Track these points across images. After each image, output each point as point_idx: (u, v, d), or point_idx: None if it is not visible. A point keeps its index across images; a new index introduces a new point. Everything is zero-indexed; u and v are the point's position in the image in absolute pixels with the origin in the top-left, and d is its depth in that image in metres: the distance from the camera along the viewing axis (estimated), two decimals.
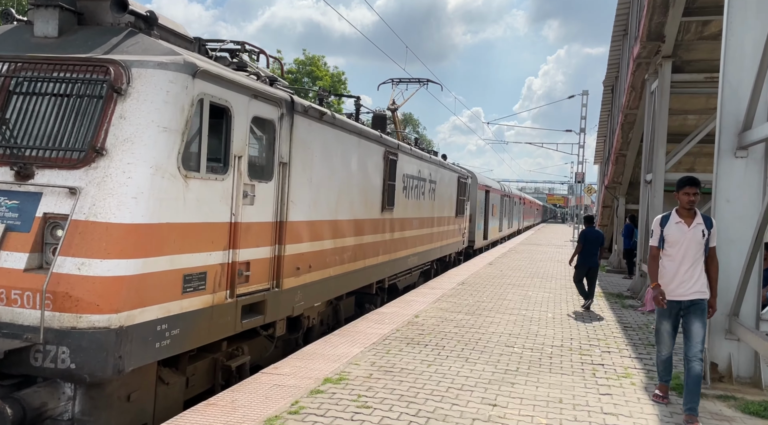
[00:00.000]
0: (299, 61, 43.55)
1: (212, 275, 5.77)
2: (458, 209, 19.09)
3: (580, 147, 36.71)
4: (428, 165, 14.80)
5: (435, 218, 15.68)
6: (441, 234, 16.64)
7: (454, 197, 18.50)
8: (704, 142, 13.19)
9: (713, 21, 10.91)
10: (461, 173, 19.93)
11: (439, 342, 8.07)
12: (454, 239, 18.78)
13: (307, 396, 5.62)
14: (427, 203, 14.79)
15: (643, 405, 5.81)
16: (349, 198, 9.40)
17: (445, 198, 16.92)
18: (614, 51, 19.47)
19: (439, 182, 16.01)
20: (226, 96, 5.92)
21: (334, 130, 8.72)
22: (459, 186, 19.16)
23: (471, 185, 22.22)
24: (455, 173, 18.72)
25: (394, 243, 12.09)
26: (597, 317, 10.49)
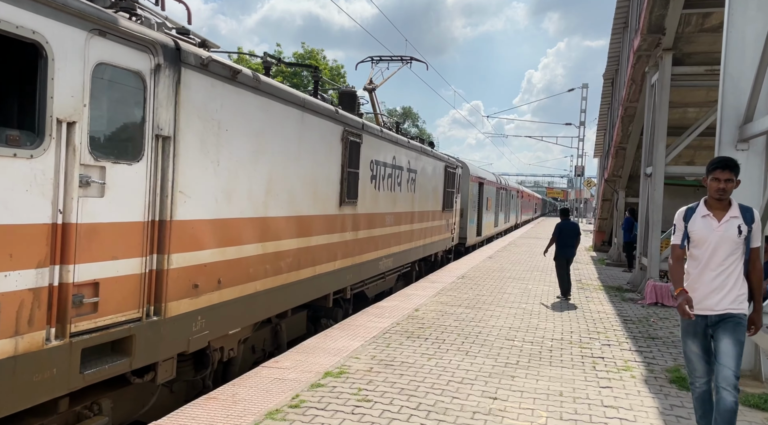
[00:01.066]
0: (298, 54, 43.42)
1: (12, 308, 3.85)
2: (446, 203, 17.12)
3: (580, 140, 36.71)
4: (406, 151, 12.83)
5: (416, 212, 13.86)
6: (424, 231, 14.77)
7: (441, 189, 16.54)
8: (705, 135, 13.17)
9: (714, 13, 10.86)
10: (449, 162, 17.76)
11: (440, 335, 8.08)
12: (440, 236, 16.87)
13: (307, 389, 5.63)
14: (405, 195, 12.84)
15: (644, 398, 5.82)
16: (288, 189, 7.33)
17: (428, 190, 15.02)
18: (614, 44, 19.39)
19: (421, 171, 14.18)
20: (36, 24, 3.92)
21: (259, 97, 6.54)
22: (447, 177, 17.19)
23: (462, 176, 20.48)
24: (441, 161, 16.62)
25: (360, 244, 10.07)
26: (597, 311, 10.50)
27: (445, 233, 17.56)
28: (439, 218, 16.50)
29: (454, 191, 18.47)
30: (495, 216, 29.32)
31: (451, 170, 17.88)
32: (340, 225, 9.19)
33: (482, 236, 24.77)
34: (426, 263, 16.17)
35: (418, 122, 72.32)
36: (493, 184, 27.84)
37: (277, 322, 7.86)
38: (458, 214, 19.63)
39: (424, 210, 14.59)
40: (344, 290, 9.76)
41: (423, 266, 15.84)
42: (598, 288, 13.40)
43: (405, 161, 12.71)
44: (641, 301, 11.61)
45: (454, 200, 18.62)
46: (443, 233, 17.21)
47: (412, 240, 13.63)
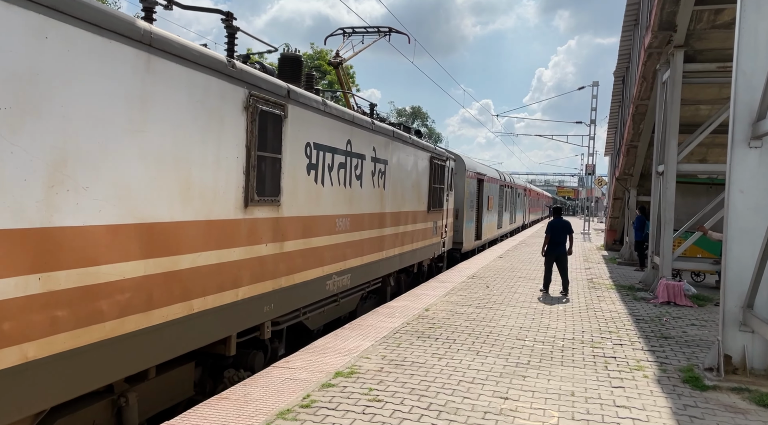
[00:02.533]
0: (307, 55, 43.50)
1: None
2: (433, 202, 14.26)
3: (591, 139, 36.45)
4: (370, 136, 9.89)
5: (388, 214, 10.98)
6: (402, 237, 11.90)
7: (426, 186, 13.73)
8: (717, 132, 13.05)
9: (726, 9, 10.76)
10: (437, 153, 14.81)
11: (450, 335, 8.07)
12: (426, 242, 13.98)
13: (318, 389, 5.64)
14: (370, 192, 9.99)
15: (656, 398, 5.78)
16: (125, 183, 4.62)
17: (407, 186, 12.21)
18: (625, 41, 19.27)
19: (395, 163, 11.34)
20: None
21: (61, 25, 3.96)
22: (434, 171, 14.28)
23: (455, 170, 17.71)
24: (426, 152, 13.76)
25: (289, 259, 7.20)
26: (609, 310, 10.43)
27: (433, 238, 14.66)
28: (424, 219, 13.62)
29: (445, 187, 15.61)
30: (498, 217, 26.52)
31: (440, 162, 14.87)
32: (247, 234, 6.25)
33: (483, 240, 22.08)
34: (408, 275, 13.51)
35: (427, 121, 72.27)
36: (496, 180, 25.30)
37: (124, 397, 4.92)
38: (450, 215, 16.85)
39: (400, 211, 11.72)
40: (261, 327, 6.77)
41: (404, 278, 13.20)
42: (609, 287, 13.32)
43: (368, 148, 9.82)
44: (653, 300, 11.52)
45: (445, 198, 15.69)
46: (430, 238, 14.31)
47: (382, 249, 10.69)
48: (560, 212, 12.91)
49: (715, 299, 11.23)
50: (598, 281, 14.27)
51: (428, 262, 14.89)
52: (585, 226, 38.14)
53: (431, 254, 14.70)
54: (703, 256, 14.20)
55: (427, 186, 13.88)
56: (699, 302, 11.44)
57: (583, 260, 19.41)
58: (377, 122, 10.54)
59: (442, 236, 15.68)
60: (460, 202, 18.19)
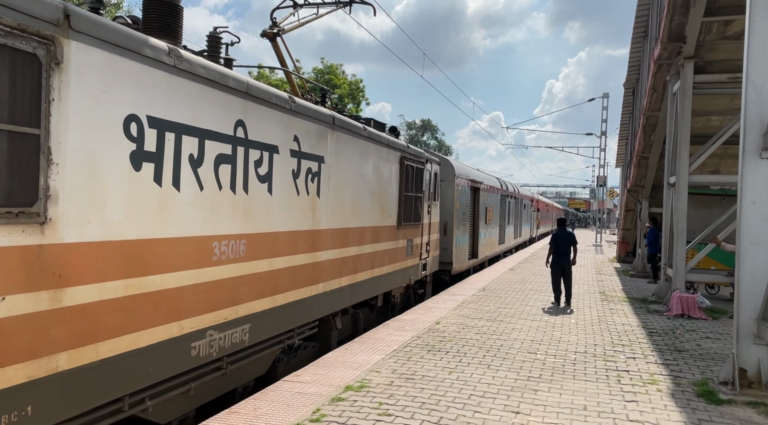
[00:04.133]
0: (317, 69, 43.88)
1: None
2: (406, 215, 11.29)
3: (602, 150, 36.32)
4: (286, 119, 6.88)
5: (325, 232, 7.93)
6: (354, 262, 8.98)
7: (395, 194, 10.76)
8: (729, 143, 12.97)
9: (736, 20, 10.74)
10: (413, 154, 11.84)
11: (461, 348, 8.02)
12: (397, 266, 11.01)
13: (328, 403, 5.63)
14: (291, 201, 7.05)
15: (670, 412, 5.70)
16: None
17: (362, 194, 9.20)
18: (634, 53, 19.26)
19: (338, 161, 8.30)
20: None
21: None
22: (407, 176, 11.35)
23: (443, 177, 15.18)
24: (395, 150, 10.74)
25: (82, 319, 4.19)
26: (621, 323, 10.33)
27: (407, 260, 11.65)
28: (392, 237, 10.64)
29: (425, 196, 12.67)
30: (500, 231, 23.55)
31: (415, 165, 11.92)
32: None
33: (480, 258, 19.37)
34: (371, 309, 10.55)
35: (437, 133, 72.42)
36: (496, 190, 22.48)
37: None
38: (435, 230, 13.93)
39: (350, 227, 8.74)
40: None
41: (363, 315, 10.08)
42: (622, 300, 13.20)
43: (284, 137, 6.80)
44: (667, 313, 11.40)
45: (425, 210, 12.72)
46: (402, 260, 11.29)
47: (318, 280, 7.75)
48: (565, 223, 13.04)
49: (729, 311, 11.08)
50: (610, 294, 14.15)
51: (401, 290, 11.78)
52: (597, 238, 37.87)
53: (405, 280, 11.62)
54: (717, 268, 14.04)
55: (397, 195, 10.85)
56: (713, 314, 11.30)
57: (596, 273, 19.27)
58: (303, 101, 7.39)
59: (422, 256, 12.69)
60: (449, 214, 15.65)
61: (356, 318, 9.89)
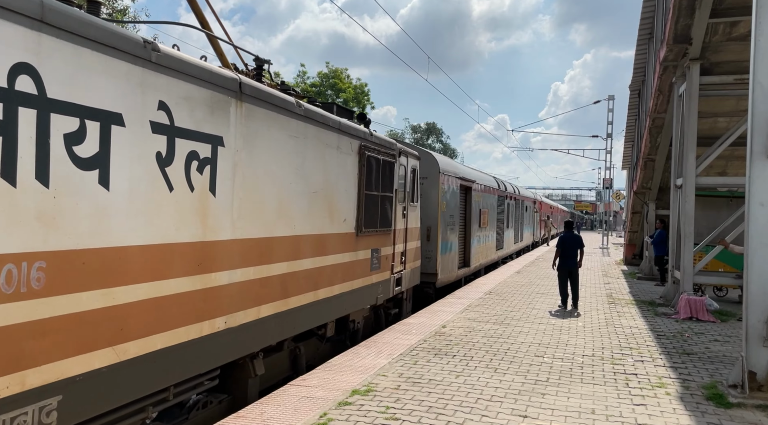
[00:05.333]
0: (322, 74, 43.99)
1: None
2: (369, 219, 9.15)
3: (607, 153, 36.26)
4: (139, 73, 4.63)
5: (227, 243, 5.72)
6: (286, 283, 6.80)
7: (352, 194, 8.64)
8: (736, 144, 12.90)
9: (742, 21, 10.69)
10: (378, 144, 9.62)
11: (468, 352, 8.00)
12: (356, 283, 8.83)
13: (335, 408, 5.62)
14: (153, 200, 4.83)
15: (679, 416, 5.66)
16: None
17: (296, 192, 7.03)
18: (640, 55, 19.21)
19: (253, 146, 6.14)
20: None
21: None
22: (369, 171, 9.17)
23: (425, 175, 13.32)
24: (351, 138, 8.58)
25: None
26: (629, 326, 10.28)
27: (372, 275, 9.48)
28: (348, 247, 8.52)
29: (397, 197, 10.43)
30: (497, 235, 21.73)
31: (382, 158, 9.67)
32: None
33: (472, 267, 17.35)
34: (321, 339, 8.37)
35: (442, 136, 72.37)
36: (492, 190, 20.61)
37: None
38: (414, 236, 11.89)
39: (275, 236, 6.53)
40: None
41: (303, 352, 7.73)
42: (629, 303, 13.14)
43: (135, 103, 4.64)
44: (675, 315, 11.34)
45: (399, 213, 10.63)
46: (364, 276, 9.16)
47: (214, 313, 5.53)
48: (572, 226, 13.03)
49: (738, 314, 11.01)
50: (617, 297, 14.08)
51: (365, 313, 9.67)
52: (603, 240, 37.74)
53: (370, 299, 9.52)
54: (725, 270, 13.96)
55: (355, 194, 8.74)
56: (722, 317, 11.23)
57: (602, 275, 19.20)
58: (174, 51, 5.10)
59: (395, 269, 10.53)
60: (432, 217, 13.63)
61: (296, 355, 7.63)
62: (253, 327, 6.13)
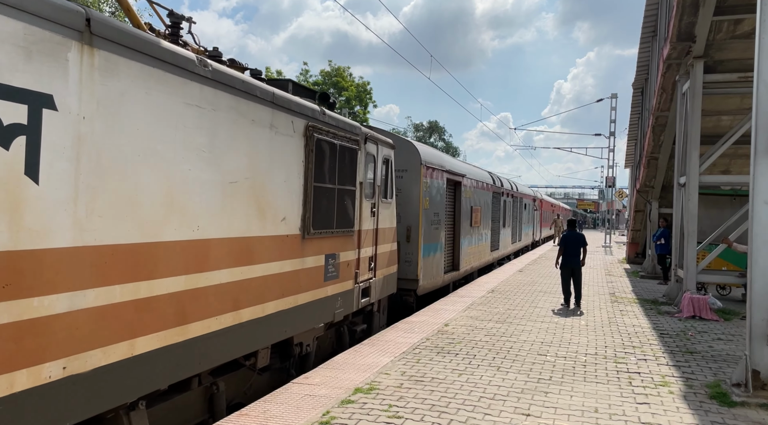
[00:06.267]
0: (325, 72, 43.99)
1: None
2: (324, 218, 7.65)
3: (610, 151, 36.17)
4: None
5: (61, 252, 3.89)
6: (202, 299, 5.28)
7: (297, 185, 7.01)
8: (740, 143, 12.87)
9: (746, 19, 10.66)
10: (332, 125, 7.90)
11: (470, 350, 8.00)
12: (306, 297, 7.28)
13: (338, 406, 5.62)
14: None
15: (683, 415, 5.65)
16: None
17: (207, 182, 5.38)
18: (643, 53, 19.15)
19: (131, 113, 4.47)
20: None
21: None
22: (323, 158, 7.62)
23: (402, 165, 11.91)
24: (291, 114, 6.85)
25: None
26: (632, 325, 10.26)
27: (325, 286, 7.80)
28: (288, 253, 6.80)
29: (361, 191, 8.84)
30: (493, 235, 20.32)
31: (341, 143, 8.05)
32: None
33: (461, 271, 15.76)
34: (253, 369, 6.61)
35: (444, 135, 72.28)
36: (486, 186, 19.07)
37: None
38: (388, 238, 10.26)
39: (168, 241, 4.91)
40: None
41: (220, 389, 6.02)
42: (632, 301, 13.12)
43: None
44: (678, 314, 11.32)
45: (362, 211, 8.89)
46: (313, 288, 7.49)
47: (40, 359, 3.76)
48: (575, 224, 13.05)
49: (741, 312, 10.98)
50: (620, 295, 14.06)
51: (317, 333, 7.85)
52: (606, 239, 37.67)
53: (325, 316, 7.84)
54: (728, 269, 13.93)
55: (301, 187, 7.02)
56: (725, 316, 11.21)
57: (605, 274, 19.17)
58: None
59: (359, 278, 8.89)
60: (413, 215, 12.13)
61: (212, 395, 5.94)
62: (123, 367, 4.43)
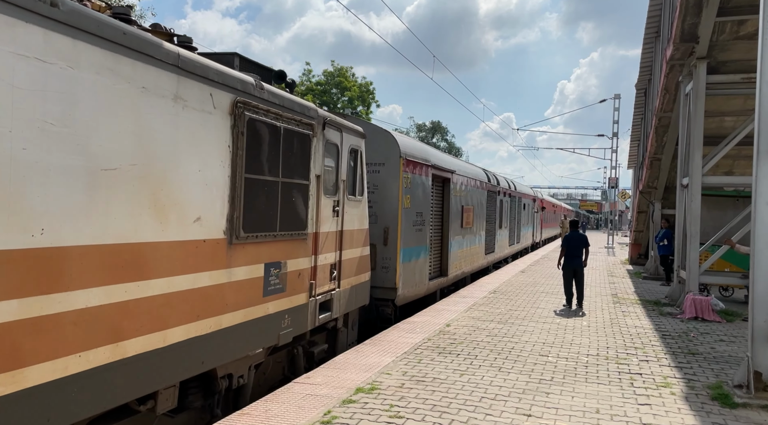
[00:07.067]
0: (328, 72, 44.01)
1: None
2: (264, 218, 6.18)
3: (613, 152, 36.13)
4: None
5: None
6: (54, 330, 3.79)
7: (221, 176, 5.51)
8: (743, 144, 12.83)
9: (749, 20, 10.63)
10: (274, 103, 6.38)
11: (472, 351, 8.00)
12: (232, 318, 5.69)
13: (339, 405, 5.63)
14: None
15: (684, 416, 5.65)
16: None
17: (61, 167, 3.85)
18: (646, 53, 19.13)
19: None
20: None
21: None
22: (260, 144, 6.10)
23: (377, 158, 10.58)
24: (212, 86, 5.36)
25: None
26: (634, 326, 10.25)
27: (267, 303, 6.36)
28: (211, 263, 5.40)
29: (315, 186, 7.40)
30: (488, 237, 18.90)
31: (284, 126, 6.56)
32: None
33: (451, 276, 14.29)
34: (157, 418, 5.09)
35: (447, 135, 72.26)
36: (480, 184, 17.61)
37: None
38: (355, 241, 8.79)
39: None
40: None
41: None
42: (635, 302, 13.10)
43: None
44: (680, 315, 11.30)
45: (319, 210, 7.52)
46: (251, 305, 6.07)
47: None
48: (577, 225, 13.05)
49: (744, 314, 10.96)
50: (622, 296, 14.05)
51: (256, 360, 6.39)
52: (609, 240, 37.63)
53: (265, 339, 6.37)
54: (731, 270, 13.90)
55: (226, 179, 5.63)
56: (727, 317, 11.19)
57: (608, 275, 19.15)
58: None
59: (317, 290, 7.47)
60: (391, 215, 10.61)
61: None
62: None
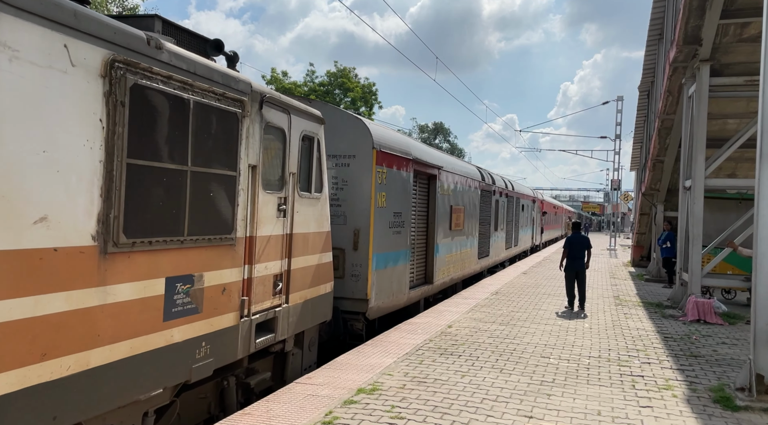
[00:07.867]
0: (330, 73, 44.02)
1: None
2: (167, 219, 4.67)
3: (616, 154, 36.10)
4: None
5: None
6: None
7: (87, 160, 3.96)
8: (746, 146, 12.80)
9: (753, 23, 10.62)
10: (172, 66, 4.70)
11: (473, 352, 7.99)
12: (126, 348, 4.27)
13: (340, 406, 5.63)
14: None
15: (686, 418, 5.64)
16: None
17: None
18: (650, 55, 19.12)
19: None
20: None
21: None
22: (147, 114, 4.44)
23: (347, 149, 9.29)
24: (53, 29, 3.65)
25: None
26: (636, 328, 10.24)
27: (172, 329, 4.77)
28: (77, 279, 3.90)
29: (248, 179, 5.88)
30: (481, 239, 17.49)
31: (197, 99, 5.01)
32: None
33: (437, 283, 12.87)
34: None
35: (449, 136, 72.21)
36: (473, 183, 16.07)
37: None
38: (304, 247, 7.21)
39: None
40: None
41: None
42: (637, 304, 13.08)
43: None
44: (682, 318, 11.28)
45: (249, 209, 5.93)
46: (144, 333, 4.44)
47: None
48: (579, 227, 13.05)
49: (746, 316, 10.94)
50: (624, 298, 14.03)
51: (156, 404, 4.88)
52: (611, 242, 37.58)
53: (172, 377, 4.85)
54: (733, 272, 13.87)
55: (97, 164, 4.05)
56: (730, 320, 11.17)
57: (610, 277, 19.12)
58: None
59: (254, 309, 6.06)
60: (362, 215, 9.26)
61: None
62: None
